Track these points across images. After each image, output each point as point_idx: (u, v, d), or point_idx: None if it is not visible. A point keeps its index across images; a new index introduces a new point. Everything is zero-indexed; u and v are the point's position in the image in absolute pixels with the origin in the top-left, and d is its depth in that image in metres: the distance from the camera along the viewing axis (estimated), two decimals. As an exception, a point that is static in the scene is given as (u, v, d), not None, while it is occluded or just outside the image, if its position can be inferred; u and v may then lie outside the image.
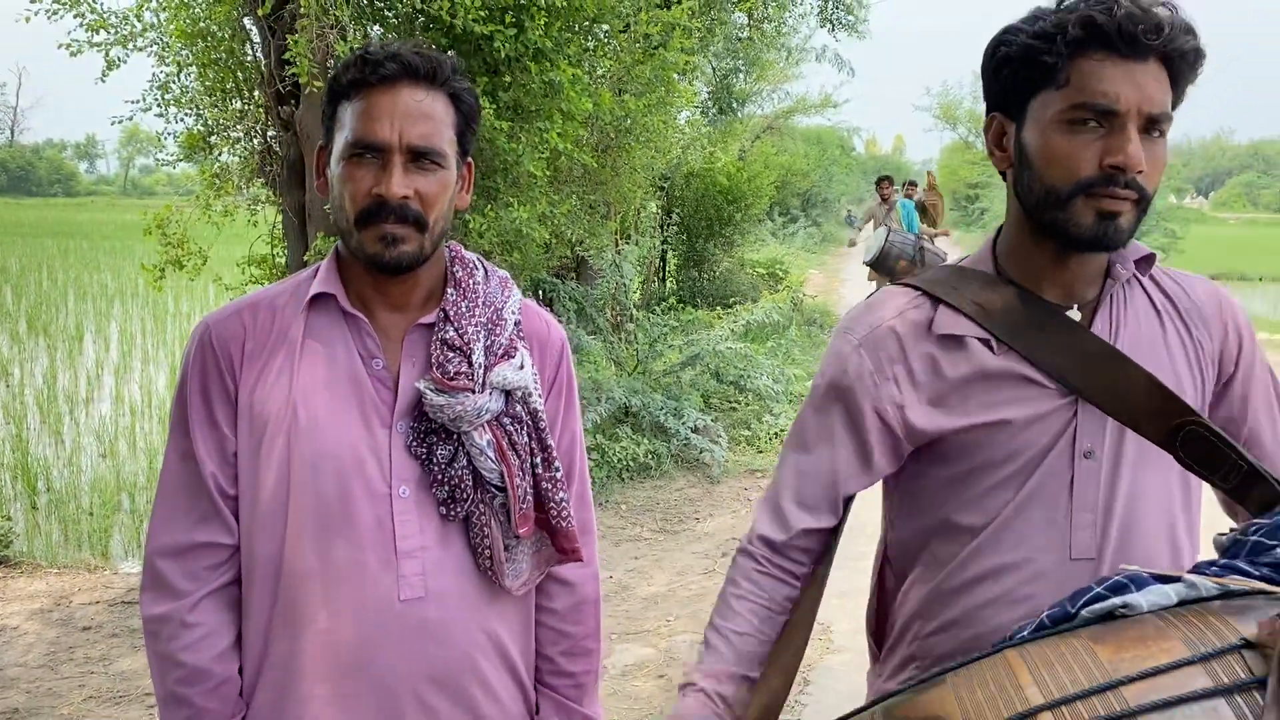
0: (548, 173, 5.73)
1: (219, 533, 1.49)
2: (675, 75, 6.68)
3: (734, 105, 14.43)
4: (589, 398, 7.10)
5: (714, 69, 13.13)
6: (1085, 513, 1.35)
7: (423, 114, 1.43)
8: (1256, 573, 1.07)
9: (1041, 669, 0.98)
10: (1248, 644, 0.92)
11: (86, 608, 4.96)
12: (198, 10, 5.55)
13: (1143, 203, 1.30)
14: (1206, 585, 1.04)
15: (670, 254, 15.31)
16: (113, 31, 5.65)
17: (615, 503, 6.60)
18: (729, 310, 11.83)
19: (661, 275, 15.32)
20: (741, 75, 13.98)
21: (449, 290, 1.53)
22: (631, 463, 6.93)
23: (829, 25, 14.09)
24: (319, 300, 1.51)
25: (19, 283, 19.03)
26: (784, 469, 1.49)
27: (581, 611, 1.66)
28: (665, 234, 14.43)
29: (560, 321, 6.86)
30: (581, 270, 9.75)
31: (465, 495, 1.48)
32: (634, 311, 8.91)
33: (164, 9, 5.61)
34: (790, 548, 1.45)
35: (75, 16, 5.64)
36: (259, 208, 6.17)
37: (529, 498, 1.51)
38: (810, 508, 1.44)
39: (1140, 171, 1.27)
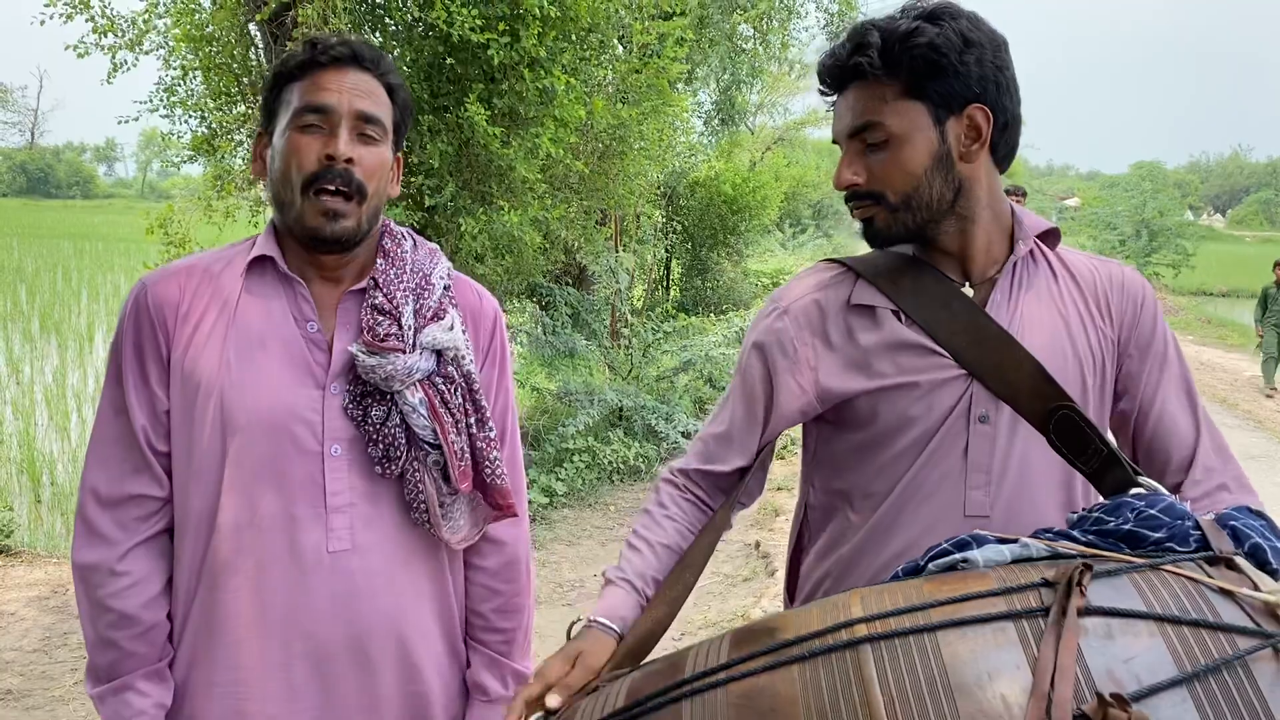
0: (541, 178, 5.85)
1: (149, 485, 1.54)
2: (670, 84, 6.80)
3: (736, 116, 14.48)
4: (582, 400, 7.21)
5: (716, 80, 13.21)
6: (979, 473, 1.46)
7: (368, 90, 1.55)
8: (1084, 539, 1.17)
9: (871, 597, 1.10)
10: (1047, 583, 1.04)
11: (82, 595, 5.08)
12: (202, 16, 5.70)
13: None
14: (1038, 547, 1.15)
15: (675, 262, 15.38)
16: (120, 35, 5.81)
17: (604, 503, 6.69)
18: (723, 316, 11.93)
19: (665, 283, 15.39)
20: (745, 87, 14.02)
21: (379, 260, 1.61)
22: (621, 465, 7.03)
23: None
24: (256, 265, 1.57)
25: (33, 283, 19.29)
26: (714, 414, 1.65)
27: (513, 570, 1.73)
28: (669, 241, 14.50)
29: (555, 326, 6.85)
30: (583, 277, 9.87)
31: (399, 453, 1.55)
32: (629, 317, 9.01)
33: (169, 14, 5.76)
34: (706, 478, 1.60)
35: (86, 20, 5.81)
36: (261, 208, 6.31)
37: (467, 455, 1.58)
38: (724, 452, 1.59)
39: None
